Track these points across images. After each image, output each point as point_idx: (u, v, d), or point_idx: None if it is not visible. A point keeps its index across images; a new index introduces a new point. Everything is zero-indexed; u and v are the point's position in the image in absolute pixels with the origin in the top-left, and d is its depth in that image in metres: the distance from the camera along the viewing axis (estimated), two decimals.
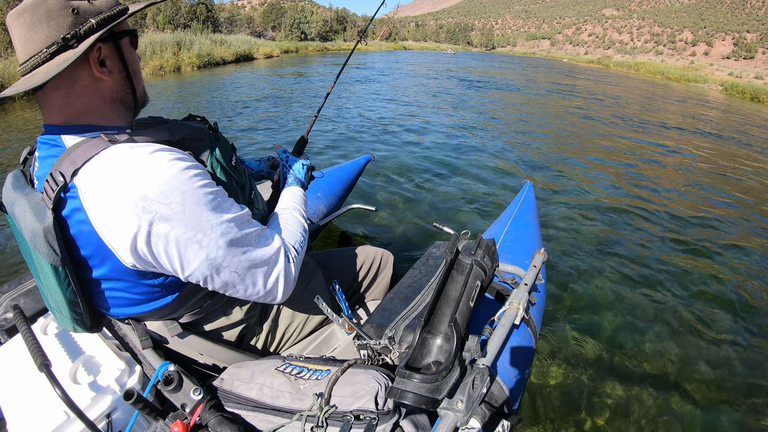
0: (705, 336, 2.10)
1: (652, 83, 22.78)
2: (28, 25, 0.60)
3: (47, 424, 0.75)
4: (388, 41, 47.53)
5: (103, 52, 0.66)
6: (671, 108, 11.73)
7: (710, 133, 7.99)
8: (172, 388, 0.72)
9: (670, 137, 7.07)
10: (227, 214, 0.67)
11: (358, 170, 2.74)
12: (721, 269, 2.76)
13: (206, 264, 0.65)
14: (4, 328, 1.03)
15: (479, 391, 0.69)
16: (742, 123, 10.48)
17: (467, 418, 0.67)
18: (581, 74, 23.37)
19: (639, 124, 8.03)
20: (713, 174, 5.06)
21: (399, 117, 6.93)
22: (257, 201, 0.94)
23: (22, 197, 0.63)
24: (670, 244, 3.06)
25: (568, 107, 9.48)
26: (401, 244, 2.78)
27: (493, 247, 1.05)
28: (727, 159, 5.98)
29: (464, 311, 0.84)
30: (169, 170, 0.61)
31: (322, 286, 1.10)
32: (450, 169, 4.36)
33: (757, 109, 15.33)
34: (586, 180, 4.30)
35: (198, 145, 0.77)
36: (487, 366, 0.81)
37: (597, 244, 2.93)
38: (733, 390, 1.79)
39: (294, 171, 1.05)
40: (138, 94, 0.75)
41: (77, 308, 0.69)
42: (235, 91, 8.99)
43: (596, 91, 13.66)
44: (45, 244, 0.60)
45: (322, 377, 0.80)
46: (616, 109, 9.99)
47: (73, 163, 0.60)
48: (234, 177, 0.83)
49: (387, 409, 0.70)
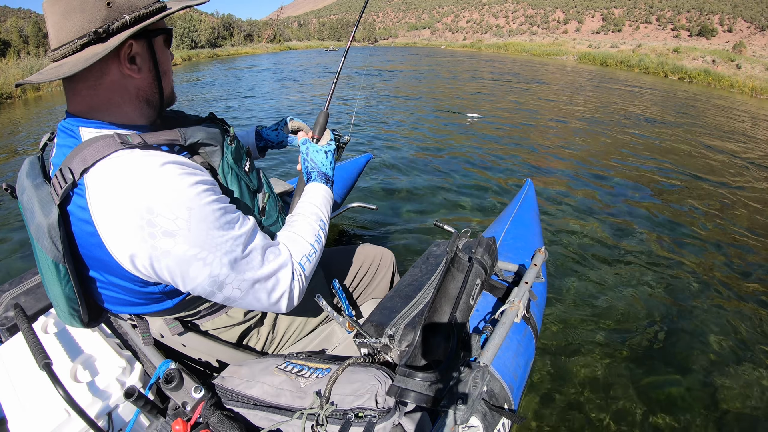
0: (708, 333, 2.10)
1: (516, 60, 26.70)
2: (62, 13, 0.60)
3: (48, 422, 0.75)
4: (273, 43, 47.32)
5: (135, 49, 0.65)
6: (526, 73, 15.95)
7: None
8: (173, 386, 0.72)
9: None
10: (233, 231, 0.66)
11: (358, 169, 2.73)
12: (723, 267, 2.75)
13: (209, 281, 0.64)
14: (6, 326, 1.03)
15: (479, 389, 0.69)
16: (590, 78, 15.60)
17: (467, 417, 0.67)
18: (444, 56, 26.95)
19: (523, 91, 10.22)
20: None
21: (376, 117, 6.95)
22: (271, 207, 0.89)
23: (32, 188, 0.63)
24: (671, 242, 3.05)
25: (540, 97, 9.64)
26: (402, 242, 2.78)
27: (494, 246, 1.05)
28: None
29: (464, 309, 0.84)
30: (177, 185, 0.60)
31: (322, 284, 1.10)
32: (451, 169, 4.36)
33: (600, 69, 22.38)
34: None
35: (210, 150, 0.75)
36: (487, 364, 0.81)
37: (598, 243, 2.93)
38: (739, 386, 1.79)
39: (317, 164, 0.94)
40: (165, 94, 0.74)
41: (75, 304, 0.69)
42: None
43: (481, 68, 17.17)
44: (48, 239, 0.60)
45: (322, 375, 0.80)
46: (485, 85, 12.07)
47: (83, 161, 0.60)
48: (246, 183, 0.81)
49: (387, 407, 0.70)
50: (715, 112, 9.80)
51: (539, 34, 53.57)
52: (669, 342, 2.03)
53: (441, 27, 71.52)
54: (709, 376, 1.84)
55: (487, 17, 67.46)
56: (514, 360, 1.04)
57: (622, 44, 38.57)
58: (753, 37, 36.36)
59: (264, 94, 9.70)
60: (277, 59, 20.90)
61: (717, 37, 38.40)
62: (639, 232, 3.16)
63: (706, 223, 3.40)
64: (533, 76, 15.89)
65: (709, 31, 38.84)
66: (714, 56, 27.04)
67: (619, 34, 46.56)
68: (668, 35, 41.91)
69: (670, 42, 36.72)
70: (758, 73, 22.06)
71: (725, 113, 9.72)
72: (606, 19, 50.07)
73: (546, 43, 45.25)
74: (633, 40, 41.13)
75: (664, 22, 44.78)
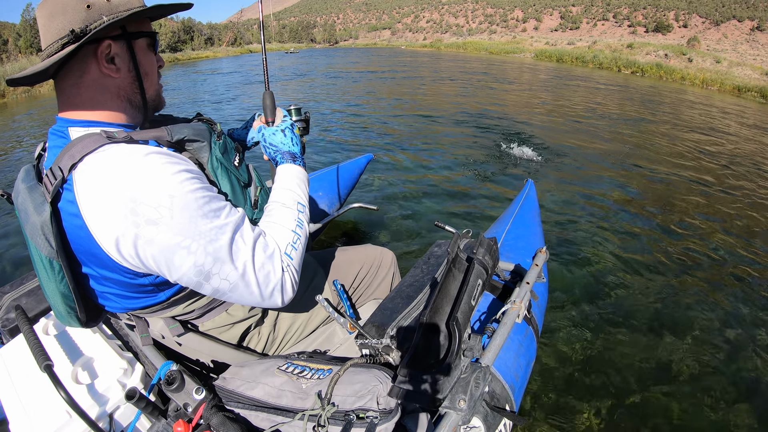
0: (710, 334, 2.09)
1: (480, 59, 27.12)
2: (48, 15, 0.64)
3: (49, 423, 0.75)
4: (234, 46, 46.91)
5: (114, 49, 0.68)
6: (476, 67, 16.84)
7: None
8: (174, 387, 0.72)
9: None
10: (218, 221, 0.65)
11: (359, 169, 2.74)
12: (724, 265, 2.75)
13: (194, 270, 0.64)
14: (7, 328, 1.03)
15: (481, 389, 0.69)
16: (549, 74, 16.45)
17: (469, 417, 0.67)
18: (407, 56, 27.35)
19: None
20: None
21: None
22: (264, 200, 0.88)
23: (26, 190, 0.66)
24: (673, 241, 3.05)
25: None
26: (403, 243, 2.78)
27: (495, 246, 1.05)
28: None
29: (466, 310, 0.84)
30: (159, 173, 0.61)
31: (323, 285, 1.10)
32: (451, 169, 4.36)
33: (558, 66, 23.42)
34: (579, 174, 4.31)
35: (197, 146, 0.76)
36: (488, 365, 0.81)
37: (598, 243, 2.92)
38: (742, 390, 1.78)
39: (277, 146, 0.92)
40: (148, 95, 0.75)
41: (71, 302, 0.70)
42: None
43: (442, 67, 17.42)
44: (42, 237, 0.62)
45: (324, 376, 0.80)
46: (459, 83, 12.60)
47: (71, 158, 0.61)
48: (237, 177, 0.81)
49: (389, 408, 0.70)
50: (696, 109, 10.29)
51: (498, 32, 54.25)
52: (671, 342, 2.03)
53: (401, 27, 71.63)
54: (713, 379, 1.83)
55: (447, 17, 67.84)
56: (515, 360, 1.03)
57: (578, 41, 39.19)
58: (708, 32, 37.34)
59: (230, 99, 9.62)
60: (239, 62, 20.72)
61: (673, 33, 39.30)
62: (640, 233, 3.15)
63: (706, 224, 3.40)
64: (504, 75, 16.11)
65: (665, 26, 39.68)
66: (667, 50, 28.28)
67: (577, 31, 47.47)
68: (625, 32, 42.72)
69: (626, 38, 37.56)
70: (709, 66, 23.70)
71: (702, 110, 10.21)
72: (564, 17, 50.90)
73: (504, 41, 45.85)
74: (590, 37, 41.88)
75: (621, 18, 45.72)
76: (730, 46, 33.14)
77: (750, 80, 19.32)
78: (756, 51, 31.80)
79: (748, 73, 22.09)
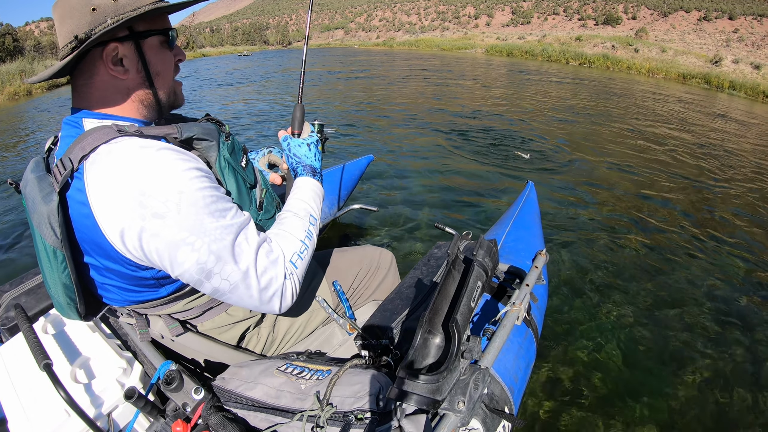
0: (711, 337, 2.09)
1: (426, 56, 27.34)
2: (59, 18, 0.66)
3: (48, 422, 0.75)
4: (187, 50, 46.70)
5: (121, 51, 0.68)
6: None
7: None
8: (173, 387, 0.72)
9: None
10: (224, 221, 0.65)
11: (359, 170, 2.74)
12: (728, 267, 2.75)
13: (196, 268, 0.64)
14: (6, 326, 1.03)
15: (480, 391, 0.69)
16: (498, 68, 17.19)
17: (468, 419, 0.67)
18: (362, 55, 27.71)
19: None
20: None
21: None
22: (269, 202, 0.90)
23: (34, 180, 0.66)
24: (674, 242, 3.05)
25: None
26: (403, 244, 2.78)
27: (495, 248, 1.05)
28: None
29: (465, 312, 0.84)
30: (170, 168, 0.62)
31: (323, 286, 1.10)
32: (452, 171, 4.36)
33: (507, 60, 24.65)
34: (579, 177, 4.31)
35: (206, 145, 0.76)
36: (488, 366, 0.81)
37: (599, 244, 2.92)
38: (744, 392, 1.78)
39: (301, 158, 0.93)
40: (161, 95, 0.75)
41: (71, 293, 0.70)
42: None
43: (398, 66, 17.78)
44: (47, 226, 0.62)
45: (323, 377, 0.80)
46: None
47: (82, 149, 0.62)
48: (243, 178, 0.81)
49: (387, 409, 0.70)
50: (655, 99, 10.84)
51: (451, 29, 54.13)
52: (672, 343, 2.02)
53: (354, 27, 71.11)
54: (714, 382, 1.83)
55: (400, 15, 67.82)
56: (514, 362, 1.03)
57: (529, 36, 39.65)
58: (656, 23, 38.18)
59: (190, 102, 8.85)
60: (193, 66, 20.12)
61: (622, 25, 40.08)
62: (641, 233, 3.15)
63: (709, 224, 3.40)
64: (461, 70, 16.51)
65: (615, 19, 40.40)
66: (614, 42, 29.53)
67: (528, 26, 47.87)
68: (575, 25, 43.31)
69: (577, 32, 38.42)
70: (655, 55, 25.02)
71: (661, 99, 10.80)
72: (515, 12, 51.22)
73: (456, 37, 46.23)
74: (541, 31, 42.41)
75: (571, 12, 46.27)
76: (678, 36, 33.91)
77: (694, 68, 20.43)
78: (703, 40, 32.48)
79: (693, 61, 23.32)
